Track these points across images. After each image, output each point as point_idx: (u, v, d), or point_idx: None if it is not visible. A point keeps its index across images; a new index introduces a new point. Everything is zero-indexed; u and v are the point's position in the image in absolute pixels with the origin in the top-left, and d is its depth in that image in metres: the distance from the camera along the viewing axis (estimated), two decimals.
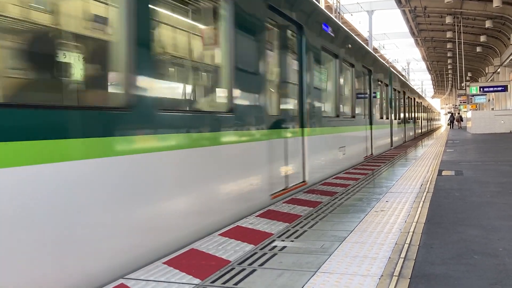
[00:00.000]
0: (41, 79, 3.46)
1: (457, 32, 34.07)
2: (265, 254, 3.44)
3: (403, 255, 3.32)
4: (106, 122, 3.09)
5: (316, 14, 7.79)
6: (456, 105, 55.19)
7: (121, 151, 3.17)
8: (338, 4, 25.17)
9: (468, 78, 52.12)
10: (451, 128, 47.43)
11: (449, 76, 62.29)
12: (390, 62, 53.13)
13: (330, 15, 9.11)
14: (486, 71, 46.12)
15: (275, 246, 3.64)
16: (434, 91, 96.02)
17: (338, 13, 24.83)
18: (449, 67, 53.83)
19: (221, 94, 4.85)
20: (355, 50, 10.82)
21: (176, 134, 3.79)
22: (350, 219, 4.56)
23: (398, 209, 5.00)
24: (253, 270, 3.07)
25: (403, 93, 20.31)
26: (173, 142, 3.74)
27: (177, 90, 5.08)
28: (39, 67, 3.40)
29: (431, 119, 47.69)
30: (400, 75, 24.67)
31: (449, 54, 44.85)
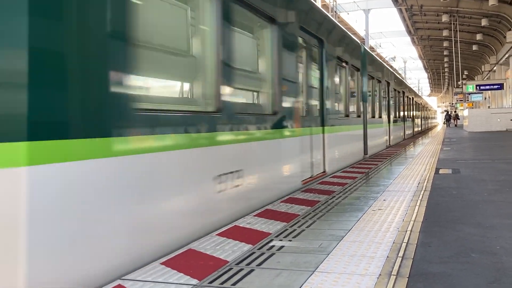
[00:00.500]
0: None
1: (453, 30, 34.17)
2: (263, 254, 3.44)
3: (401, 254, 3.32)
4: (213, 122, 4.37)
5: (334, 30, 9.38)
6: (452, 104, 55.31)
7: (222, 142, 4.50)
8: (334, 3, 25.17)
9: (464, 77, 52.26)
10: (448, 126, 47.55)
11: (446, 74, 62.47)
12: (387, 61, 53.19)
13: (343, 28, 10.66)
14: (482, 69, 46.26)
15: (273, 246, 3.64)
16: (431, 90, 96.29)
17: (335, 12, 24.84)
18: (445, 66, 53.98)
19: (271, 100, 6.04)
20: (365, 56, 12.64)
21: (248, 131, 5.11)
22: (347, 218, 4.56)
23: (396, 207, 5.01)
24: (251, 270, 3.06)
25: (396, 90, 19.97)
26: (246, 137, 5.05)
27: (247, 99, 6.29)
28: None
29: (426, 118, 47.24)
30: (397, 73, 24.65)
31: (445, 53, 44.97)
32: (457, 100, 46.38)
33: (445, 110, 67.01)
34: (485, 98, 44.31)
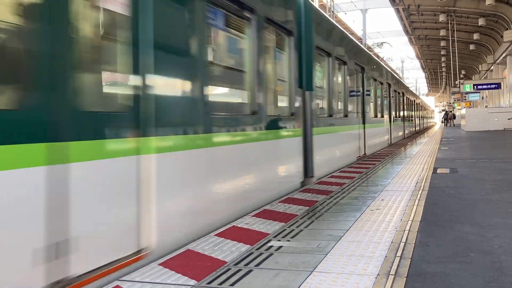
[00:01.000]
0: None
1: (451, 30, 34.22)
2: (261, 254, 3.43)
3: (399, 253, 3.32)
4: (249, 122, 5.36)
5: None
6: (450, 103, 55.39)
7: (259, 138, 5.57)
8: (332, 3, 25.18)
9: (461, 76, 52.34)
10: (446, 125, 47.62)
11: (443, 74, 62.56)
12: (385, 61, 53.22)
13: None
14: (480, 69, 46.34)
15: (271, 246, 3.64)
16: (428, 89, 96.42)
17: (332, 12, 24.85)
18: (443, 65, 54.08)
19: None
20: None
21: (279, 130, 6.26)
22: (346, 218, 4.56)
23: (394, 207, 5.01)
24: (250, 271, 3.06)
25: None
26: (276, 135, 6.11)
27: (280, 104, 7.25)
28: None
29: (423, 117, 46.71)
30: (395, 73, 24.54)
31: (442, 52, 45.04)
32: (455, 100, 46.47)
33: (443, 110, 67.13)
34: (483, 98, 44.39)
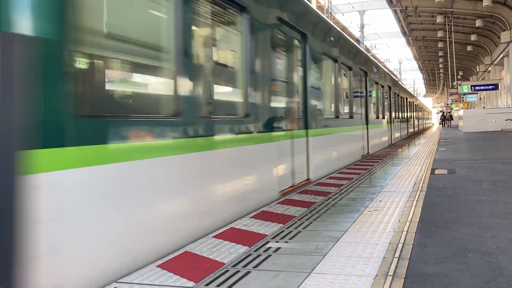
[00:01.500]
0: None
1: (448, 31, 34.29)
2: (259, 255, 3.43)
3: (397, 254, 3.32)
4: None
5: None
6: (448, 104, 55.48)
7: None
8: (329, 4, 25.23)
9: (459, 77, 52.39)
10: (443, 126, 47.68)
11: (441, 75, 62.68)
12: (382, 62, 53.32)
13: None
14: (477, 70, 46.47)
15: (270, 248, 3.63)
16: (426, 90, 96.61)
17: (330, 13, 24.89)
18: (440, 66, 54.18)
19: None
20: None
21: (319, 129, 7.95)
22: (344, 219, 4.56)
23: (392, 208, 5.01)
24: (248, 272, 3.06)
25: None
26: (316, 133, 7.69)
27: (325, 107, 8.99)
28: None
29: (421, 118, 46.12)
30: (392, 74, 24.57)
31: (440, 53, 45.14)
32: (452, 101, 46.55)
33: (441, 111, 67.23)
34: (480, 99, 44.45)
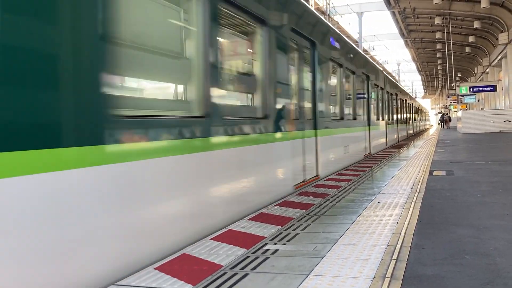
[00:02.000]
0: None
1: (446, 32, 34.35)
2: (257, 258, 3.43)
3: (395, 256, 3.32)
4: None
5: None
6: (446, 105, 55.54)
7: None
8: (328, 6, 25.26)
9: (457, 78, 52.52)
10: (442, 128, 47.74)
11: (439, 76, 62.77)
12: (381, 64, 53.40)
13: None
14: (475, 71, 46.53)
15: (267, 250, 3.63)
16: (425, 92, 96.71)
17: (328, 15, 24.92)
18: (438, 68, 54.23)
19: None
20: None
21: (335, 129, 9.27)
22: (342, 221, 4.56)
23: (390, 210, 5.02)
24: (245, 274, 3.06)
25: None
26: (330, 133, 8.77)
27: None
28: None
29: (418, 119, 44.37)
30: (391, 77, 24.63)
31: (438, 55, 45.18)
32: (451, 102, 46.57)
33: (439, 112, 67.33)
34: (479, 100, 44.50)
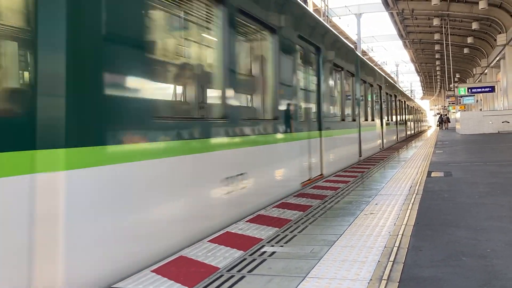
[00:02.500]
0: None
1: (445, 34, 34.40)
2: (254, 260, 3.43)
3: (392, 258, 3.32)
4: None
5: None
6: (445, 106, 55.60)
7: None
8: (326, 7, 25.28)
9: (456, 79, 52.58)
10: (441, 129, 47.79)
11: (438, 77, 62.81)
12: (379, 65, 53.46)
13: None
14: (474, 72, 46.57)
15: (265, 252, 3.63)
16: (423, 93, 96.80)
17: (327, 16, 24.94)
18: (437, 69, 54.28)
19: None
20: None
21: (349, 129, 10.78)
22: (339, 223, 4.56)
23: (388, 211, 5.01)
24: (242, 277, 3.05)
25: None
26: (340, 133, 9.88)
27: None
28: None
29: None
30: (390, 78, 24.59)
31: (437, 56, 45.22)
32: (449, 103, 46.64)
33: (438, 113, 67.43)
34: (477, 101, 44.57)
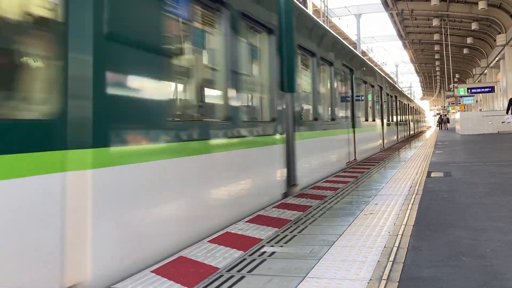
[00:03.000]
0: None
1: (444, 34, 34.45)
2: (254, 260, 3.43)
3: (391, 258, 3.32)
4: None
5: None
6: (444, 107, 55.63)
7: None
8: (326, 8, 25.29)
9: (456, 80, 52.63)
10: (441, 129, 47.81)
11: (437, 77, 62.89)
12: (379, 65, 53.48)
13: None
14: (474, 73, 46.63)
15: (264, 252, 3.63)
16: (423, 93, 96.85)
17: (326, 17, 24.95)
18: (437, 69, 54.36)
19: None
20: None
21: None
22: (339, 223, 4.56)
23: (387, 211, 5.02)
24: (242, 277, 3.05)
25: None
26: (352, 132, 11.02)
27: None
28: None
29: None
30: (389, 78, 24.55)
31: (436, 56, 45.28)
32: (449, 103, 46.67)
33: (438, 114, 67.47)
34: (477, 101, 44.60)
